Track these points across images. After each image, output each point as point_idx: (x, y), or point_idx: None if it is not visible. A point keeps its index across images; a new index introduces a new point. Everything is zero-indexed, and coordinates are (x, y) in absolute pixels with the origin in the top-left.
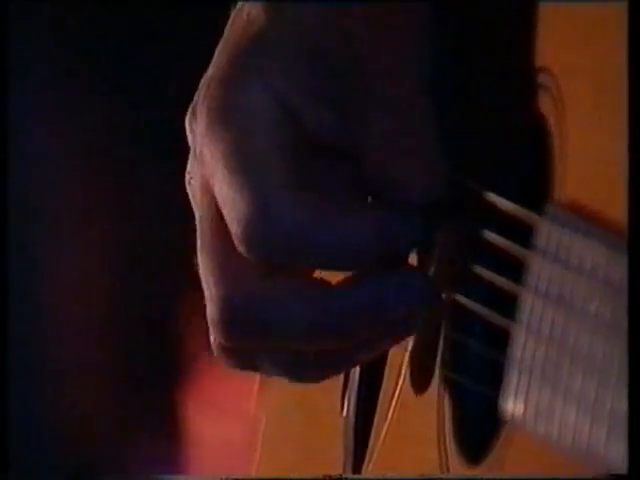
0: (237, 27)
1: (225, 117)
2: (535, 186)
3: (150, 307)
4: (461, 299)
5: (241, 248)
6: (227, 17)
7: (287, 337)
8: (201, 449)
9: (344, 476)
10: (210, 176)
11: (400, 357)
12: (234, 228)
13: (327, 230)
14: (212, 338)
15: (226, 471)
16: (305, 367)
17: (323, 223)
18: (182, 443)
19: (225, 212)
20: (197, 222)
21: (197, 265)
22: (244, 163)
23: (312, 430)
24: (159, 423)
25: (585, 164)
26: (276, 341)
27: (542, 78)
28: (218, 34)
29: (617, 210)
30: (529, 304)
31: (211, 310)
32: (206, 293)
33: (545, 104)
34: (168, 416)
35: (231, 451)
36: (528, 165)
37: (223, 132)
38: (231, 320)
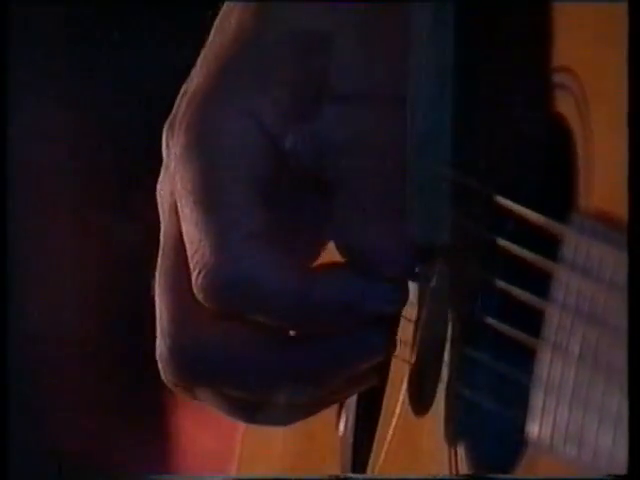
0: (224, 33)
1: (203, 142)
2: (559, 193)
3: (141, 306)
4: (479, 315)
5: (198, 295)
6: (215, 14)
7: (236, 386)
8: (189, 450)
9: (347, 476)
10: (179, 203)
11: (402, 370)
12: (194, 271)
13: (291, 289)
14: (160, 366)
15: (213, 472)
16: (254, 412)
17: (287, 281)
18: (171, 443)
19: (188, 249)
20: (161, 238)
21: (154, 290)
22: (214, 202)
23: (305, 449)
24: (148, 423)
25: (612, 169)
26: (224, 388)
27: (563, 77)
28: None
29: None
30: (556, 320)
31: (160, 346)
32: (158, 324)
33: (568, 105)
34: (157, 417)
35: (218, 453)
36: (551, 171)
37: (198, 160)
38: (179, 362)
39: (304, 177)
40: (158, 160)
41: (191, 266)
